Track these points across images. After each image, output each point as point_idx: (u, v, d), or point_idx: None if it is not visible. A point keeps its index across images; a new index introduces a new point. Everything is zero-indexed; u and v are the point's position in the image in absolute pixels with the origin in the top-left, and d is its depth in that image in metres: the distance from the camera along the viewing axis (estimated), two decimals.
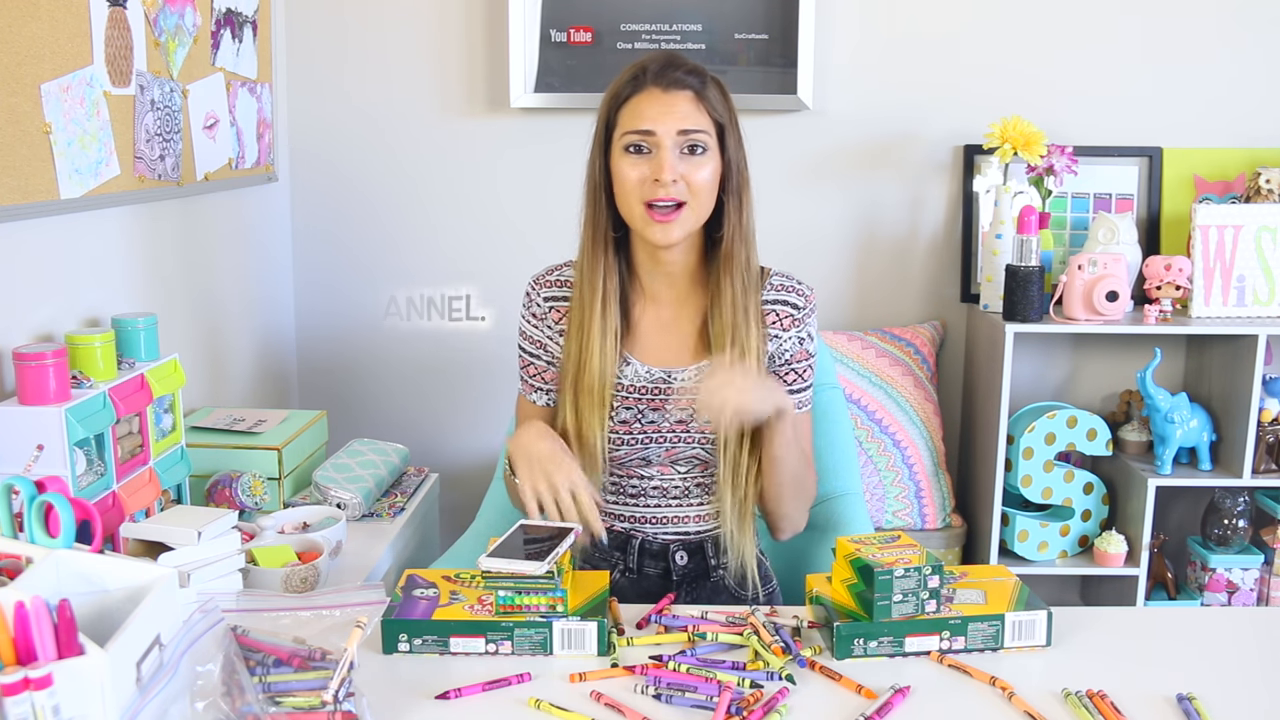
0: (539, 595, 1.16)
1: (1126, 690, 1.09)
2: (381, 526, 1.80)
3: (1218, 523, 2.32)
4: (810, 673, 1.13)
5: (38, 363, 1.36)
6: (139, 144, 1.72)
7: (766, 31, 2.37)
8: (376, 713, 1.00)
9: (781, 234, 2.43)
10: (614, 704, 1.06)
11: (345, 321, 2.55)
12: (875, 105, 2.44)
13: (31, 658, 0.84)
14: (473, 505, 1.87)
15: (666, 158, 1.31)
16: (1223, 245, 2.22)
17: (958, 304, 2.51)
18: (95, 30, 1.59)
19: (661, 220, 1.32)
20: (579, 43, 2.39)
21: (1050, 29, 2.40)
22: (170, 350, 1.68)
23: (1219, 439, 2.30)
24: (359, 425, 2.54)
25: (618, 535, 1.48)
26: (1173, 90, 2.41)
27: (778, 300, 1.43)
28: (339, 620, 1.03)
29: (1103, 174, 2.43)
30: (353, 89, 2.46)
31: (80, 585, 0.98)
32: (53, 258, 1.56)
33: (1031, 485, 2.30)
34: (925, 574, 1.16)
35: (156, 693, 0.90)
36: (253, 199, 2.29)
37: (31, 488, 1.05)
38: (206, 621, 0.96)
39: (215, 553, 1.18)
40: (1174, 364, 2.47)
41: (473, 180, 2.50)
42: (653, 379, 1.41)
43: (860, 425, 2.34)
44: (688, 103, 1.32)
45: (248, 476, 1.72)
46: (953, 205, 2.47)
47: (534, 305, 1.46)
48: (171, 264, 1.92)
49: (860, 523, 1.62)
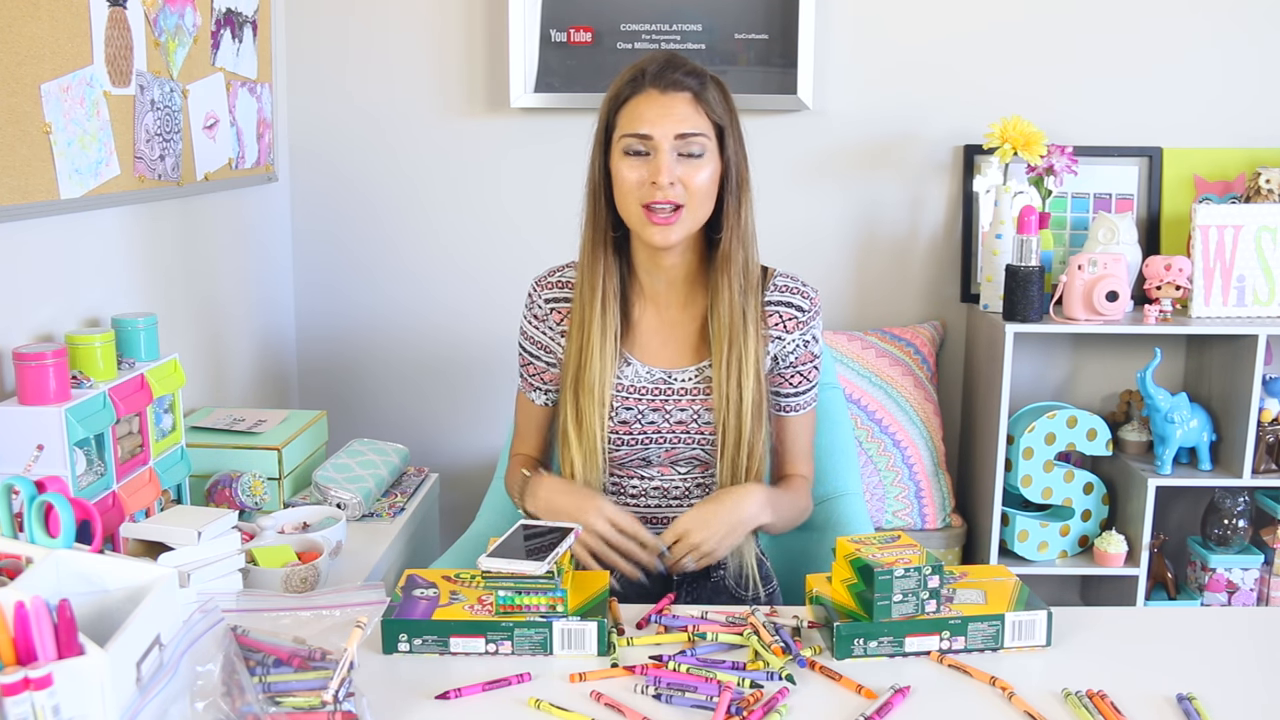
0: (539, 595, 1.16)
1: (1126, 690, 1.09)
2: (381, 526, 1.80)
3: (1218, 523, 2.32)
4: (810, 673, 1.13)
5: (38, 363, 1.36)
6: (139, 144, 1.72)
7: (766, 31, 2.37)
8: (376, 713, 1.00)
9: (782, 234, 2.43)
10: (614, 704, 1.06)
11: (345, 321, 2.55)
12: (875, 105, 2.44)
13: (31, 658, 0.84)
14: (473, 505, 1.86)
15: (664, 161, 1.30)
16: (1223, 245, 2.22)
17: (958, 304, 2.51)
18: (95, 30, 1.59)
19: (659, 223, 1.31)
20: (579, 43, 2.39)
21: (1050, 29, 2.40)
22: (170, 350, 1.68)
23: (1219, 439, 2.30)
24: (359, 425, 2.54)
25: None
26: (1173, 90, 2.41)
27: (781, 301, 1.43)
28: (339, 620, 1.03)
29: (1103, 174, 2.43)
30: (353, 89, 2.46)
31: (80, 585, 0.98)
32: (53, 258, 1.56)
33: (1031, 485, 2.30)
34: (925, 574, 1.16)
35: (156, 693, 0.90)
36: (253, 199, 2.29)
37: (31, 488, 1.05)
38: (206, 621, 0.96)
39: (215, 553, 1.18)
40: (1174, 364, 2.47)
41: (473, 180, 2.49)
42: (653, 379, 1.41)
43: (860, 425, 2.34)
44: (686, 105, 1.32)
45: (248, 476, 1.72)
46: (953, 205, 2.47)
47: (536, 306, 1.46)
48: (171, 264, 1.92)
49: (860, 523, 1.62)
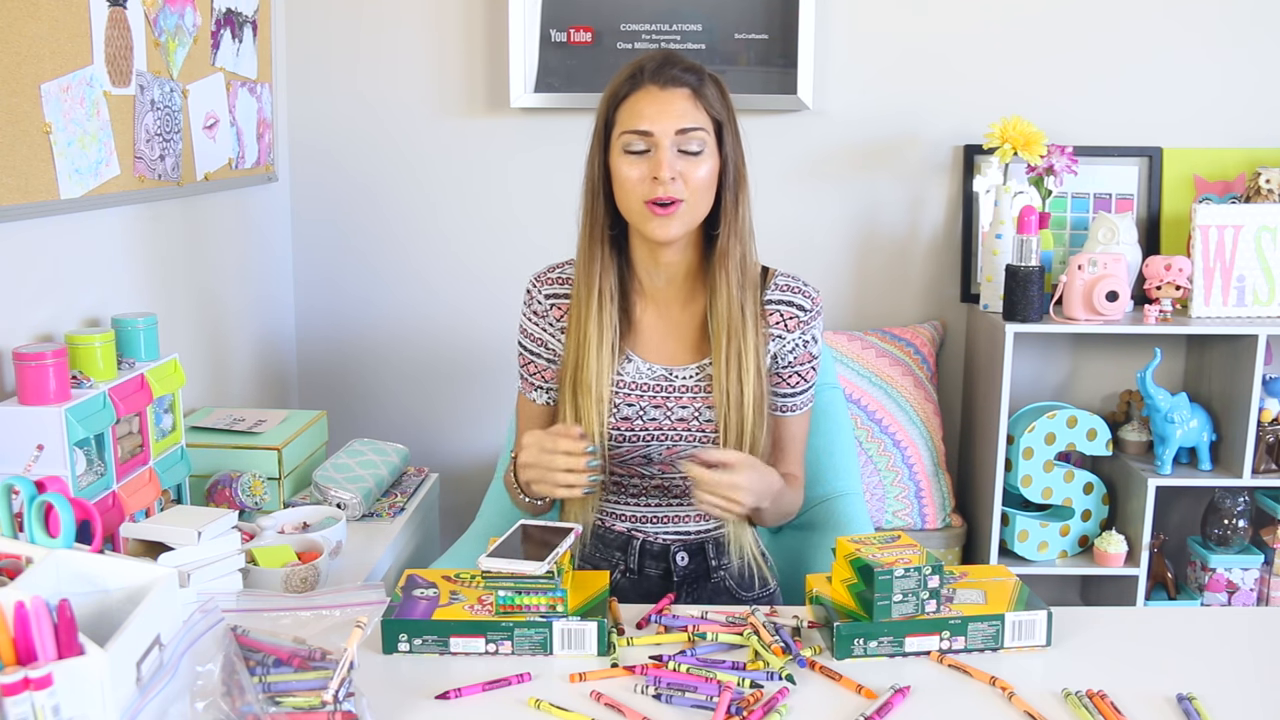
0: (539, 595, 1.16)
1: (1126, 690, 1.09)
2: (381, 526, 1.80)
3: (1218, 523, 2.31)
4: (810, 673, 1.13)
5: (38, 363, 1.36)
6: (139, 144, 1.72)
7: (766, 31, 2.37)
8: (376, 713, 1.00)
9: (781, 234, 2.43)
10: (614, 704, 1.06)
11: (345, 321, 2.55)
12: (875, 105, 2.44)
13: (31, 658, 0.84)
14: (473, 505, 1.87)
15: (664, 157, 1.30)
16: (1223, 245, 2.22)
17: (958, 304, 2.51)
18: (95, 30, 1.59)
19: (660, 214, 1.32)
20: (579, 43, 2.39)
21: (1050, 29, 2.40)
22: (170, 350, 1.68)
23: (1219, 439, 2.30)
24: (359, 425, 2.54)
25: (619, 535, 1.48)
26: (1173, 90, 2.41)
27: (782, 301, 1.43)
28: (339, 620, 1.03)
29: (1103, 174, 2.43)
30: (353, 89, 2.46)
31: (80, 585, 0.98)
32: (53, 258, 1.56)
33: (1031, 485, 2.30)
34: (925, 574, 1.16)
35: (156, 693, 0.90)
36: (253, 199, 2.29)
37: (31, 488, 1.05)
38: (206, 621, 0.96)
39: (215, 553, 1.18)
40: (1174, 364, 2.47)
41: (473, 180, 2.49)
42: (654, 376, 1.41)
43: (860, 425, 2.34)
44: (685, 101, 1.32)
45: (248, 476, 1.72)
46: (953, 205, 2.47)
47: (535, 303, 1.46)
48: (171, 264, 1.92)
49: (860, 523, 1.62)
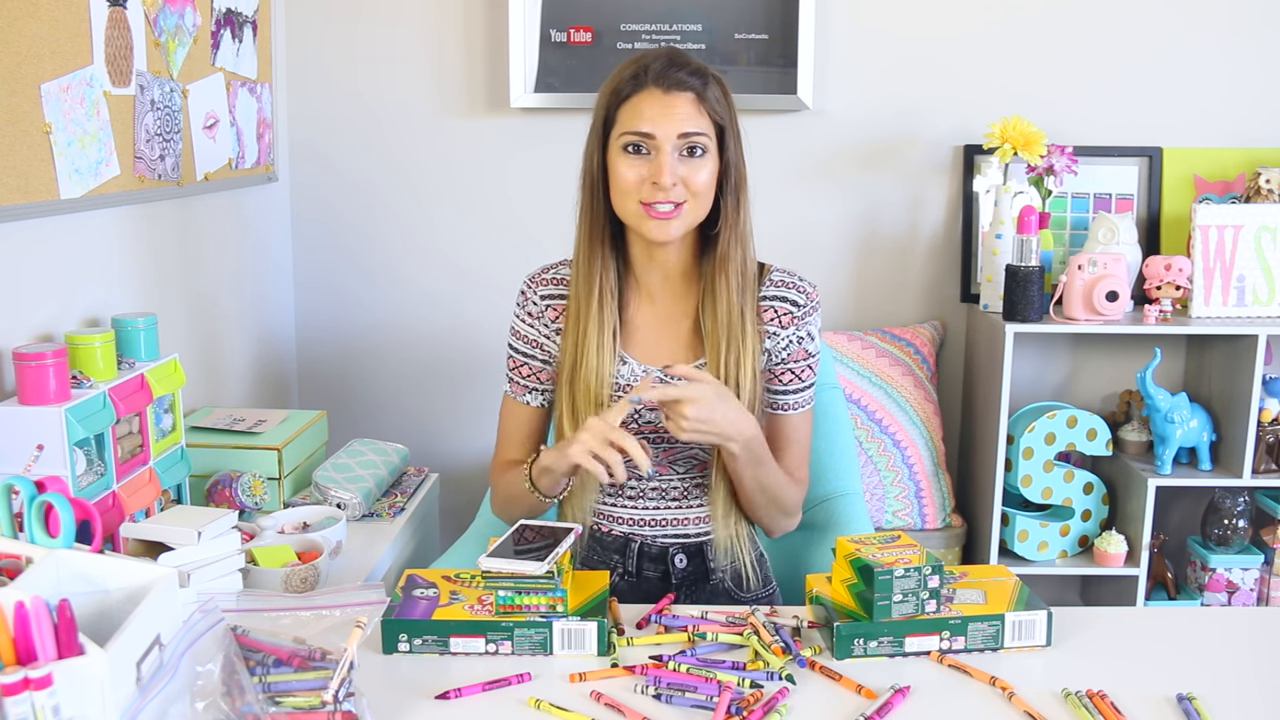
0: (539, 595, 1.16)
1: (1126, 690, 1.09)
2: (381, 526, 1.80)
3: (1218, 523, 2.31)
4: (810, 673, 1.13)
5: (38, 363, 1.36)
6: (139, 144, 1.72)
7: (766, 31, 2.37)
8: (376, 713, 1.00)
9: (781, 234, 2.43)
10: (614, 704, 1.06)
11: (345, 321, 2.55)
12: (875, 105, 2.44)
13: (31, 658, 0.84)
14: (473, 505, 1.87)
15: (666, 161, 1.29)
16: (1223, 245, 2.22)
17: (958, 304, 2.51)
18: (95, 30, 1.58)
19: (659, 217, 1.31)
20: (579, 43, 2.39)
21: (1050, 29, 2.40)
22: (170, 350, 1.67)
23: (1219, 439, 2.30)
24: (359, 425, 2.54)
25: (617, 538, 1.47)
26: (1173, 90, 2.41)
27: (777, 296, 1.42)
28: (339, 620, 1.03)
29: (1103, 174, 2.43)
30: (352, 89, 2.46)
31: (80, 585, 0.98)
32: (53, 258, 1.56)
33: (1031, 485, 2.30)
34: (925, 574, 1.16)
35: (156, 693, 0.90)
36: (253, 199, 2.29)
37: (31, 488, 1.05)
38: (206, 621, 0.96)
39: (215, 553, 1.18)
40: (1174, 364, 2.47)
41: (472, 180, 2.49)
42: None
43: (860, 425, 2.34)
44: (688, 104, 1.31)
45: (248, 476, 1.71)
46: (953, 205, 2.47)
47: (530, 304, 1.46)
48: (172, 264, 1.92)
49: (860, 523, 1.62)
